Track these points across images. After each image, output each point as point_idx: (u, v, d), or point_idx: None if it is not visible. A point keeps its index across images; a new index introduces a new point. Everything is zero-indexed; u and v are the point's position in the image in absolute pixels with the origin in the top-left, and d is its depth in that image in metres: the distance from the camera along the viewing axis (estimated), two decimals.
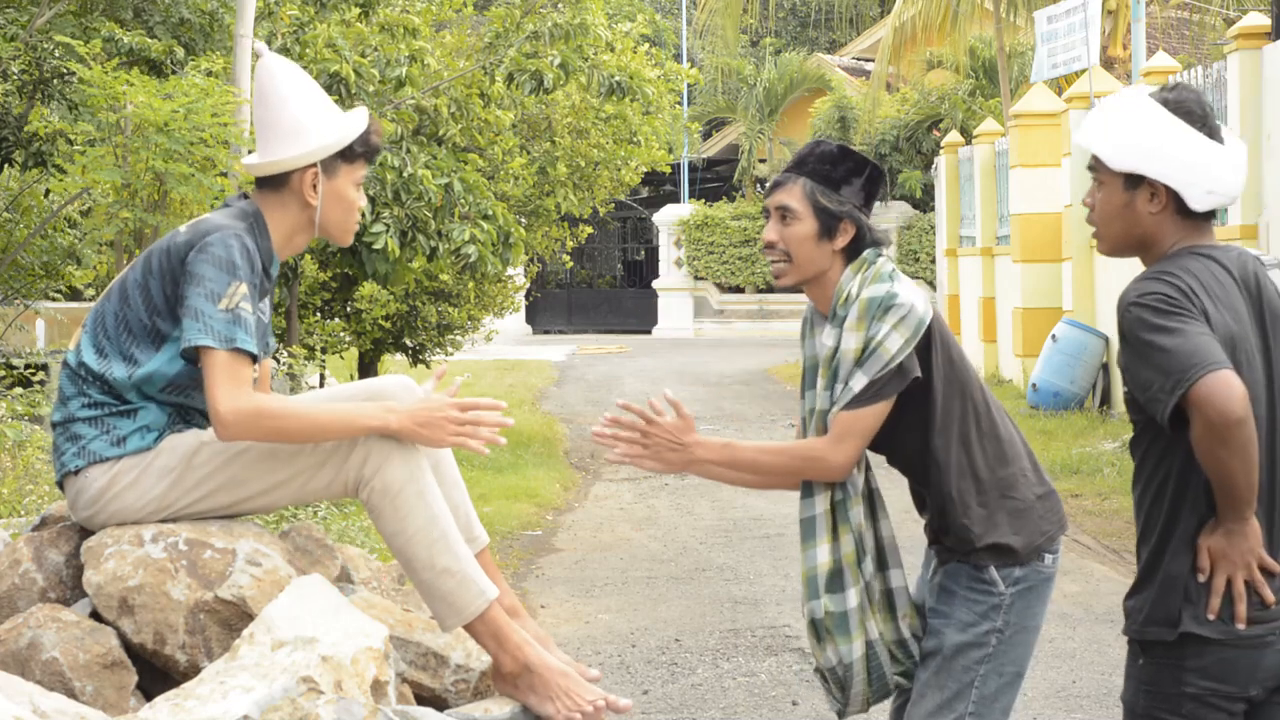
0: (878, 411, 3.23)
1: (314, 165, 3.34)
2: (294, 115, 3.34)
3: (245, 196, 3.46)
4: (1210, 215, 2.98)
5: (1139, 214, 2.95)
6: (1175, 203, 2.93)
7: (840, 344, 3.24)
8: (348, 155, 3.38)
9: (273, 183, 3.38)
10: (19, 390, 8.05)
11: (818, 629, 3.30)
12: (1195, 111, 2.93)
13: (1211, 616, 2.84)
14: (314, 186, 3.35)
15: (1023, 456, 3.35)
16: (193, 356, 3.21)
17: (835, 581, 3.28)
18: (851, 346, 3.22)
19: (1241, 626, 2.83)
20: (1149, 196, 2.94)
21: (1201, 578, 2.85)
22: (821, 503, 3.28)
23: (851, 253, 3.32)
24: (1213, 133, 2.94)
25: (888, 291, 3.22)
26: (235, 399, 3.13)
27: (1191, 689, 2.85)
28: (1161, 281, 2.83)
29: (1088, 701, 5.82)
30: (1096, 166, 3.00)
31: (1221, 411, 2.69)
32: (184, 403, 3.32)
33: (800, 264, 3.32)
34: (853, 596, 3.28)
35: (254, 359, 3.21)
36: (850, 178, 3.32)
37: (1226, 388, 2.70)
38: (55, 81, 9.14)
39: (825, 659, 3.32)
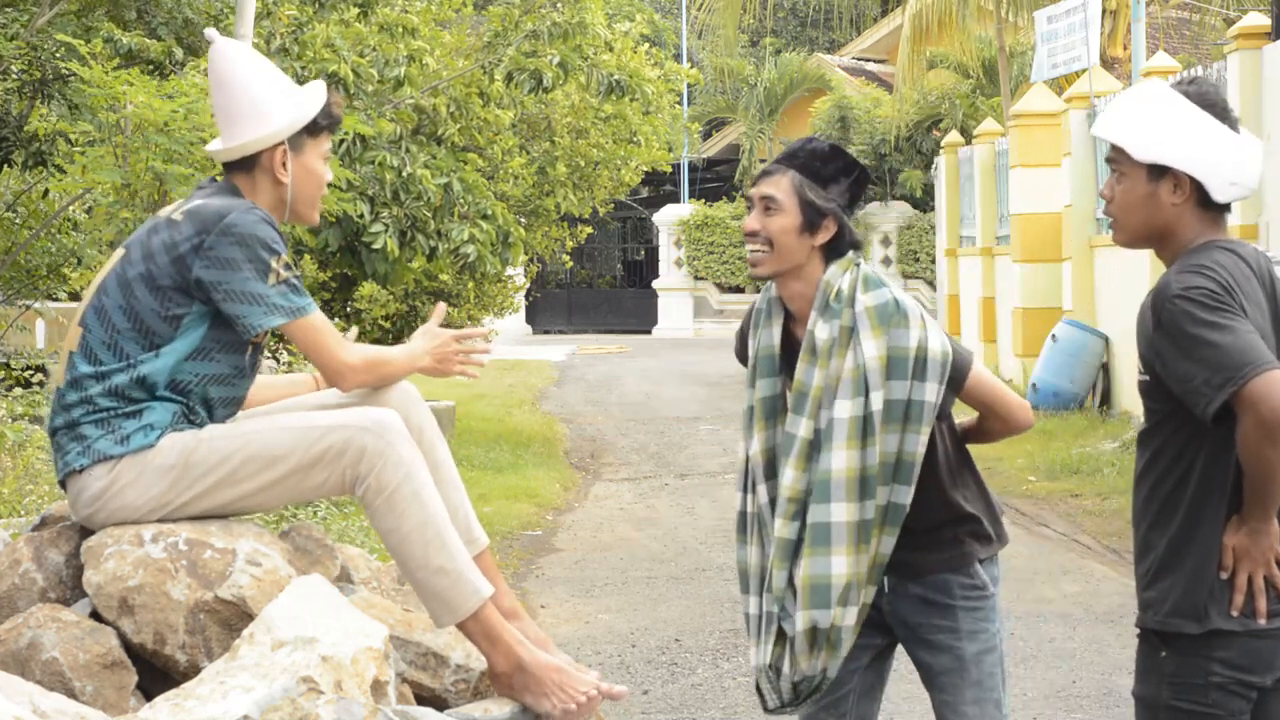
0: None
1: (282, 143, 3.38)
2: (256, 96, 3.37)
3: (214, 180, 3.49)
4: (1227, 209, 2.99)
5: (1161, 205, 2.96)
6: (1198, 194, 2.94)
7: (864, 351, 3.21)
8: (312, 129, 3.42)
9: (242, 166, 3.40)
10: (19, 391, 8.05)
11: (816, 639, 3.26)
12: (1217, 103, 2.95)
13: (1235, 613, 2.88)
14: (284, 164, 3.39)
15: None
16: (254, 338, 3.32)
17: (850, 594, 3.25)
18: (876, 354, 3.19)
19: (1263, 622, 2.88)
20: (1172, 187, 2.94)
21: (1224, 575, 2.89)
22: (846, 512, 3.23)
23: (830, 251, 3.32)
24: (1233, 125, 2.96)
25: (894, 298, 3.24)
26: (349, 353, 3.35)
27: (1218, 678, 2.89)
28: (1204, 276, 2.84)
29: (1088, 701, 5.81)
30: (1117, 158, 3.00)
31: (1276, 409, 2.71)
32: (211, 373, 3.31)
33: (779, 255, 3.31)
34: (854, 612, 3.28)
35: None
36: (839, 176, 3.33)
37: None
38: (55, 82, 9.13)
39: (808, 668, 3.28)
